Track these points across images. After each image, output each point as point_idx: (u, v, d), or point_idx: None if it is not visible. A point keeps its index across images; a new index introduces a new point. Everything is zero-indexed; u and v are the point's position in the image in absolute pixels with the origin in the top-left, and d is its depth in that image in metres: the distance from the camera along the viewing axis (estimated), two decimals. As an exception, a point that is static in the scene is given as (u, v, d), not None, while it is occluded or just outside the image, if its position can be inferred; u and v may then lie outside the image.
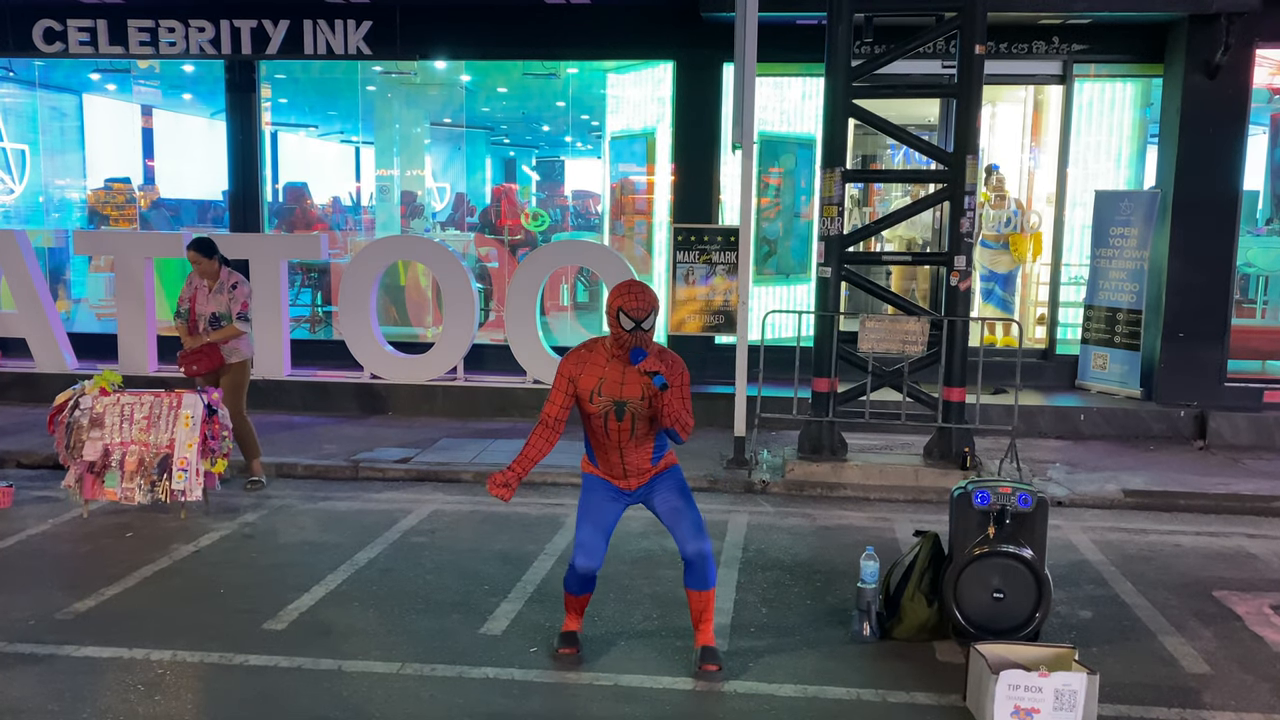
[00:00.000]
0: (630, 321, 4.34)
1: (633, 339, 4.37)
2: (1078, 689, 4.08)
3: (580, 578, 4.66)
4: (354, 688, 4.47)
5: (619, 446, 4.55)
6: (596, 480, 4.69)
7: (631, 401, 4.46)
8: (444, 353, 9.87)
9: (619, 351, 4.45)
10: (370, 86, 12.40)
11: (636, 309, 4.34)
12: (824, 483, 7.74)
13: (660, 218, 11.11)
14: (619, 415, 4.47)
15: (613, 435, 4.52)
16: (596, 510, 4.64)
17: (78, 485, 6.71)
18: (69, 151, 13.20)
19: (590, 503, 4.66)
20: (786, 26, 9.55)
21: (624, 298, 4.36)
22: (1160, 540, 6.75)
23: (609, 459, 4.61)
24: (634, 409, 4.47)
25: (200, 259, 7.31)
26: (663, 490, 4.66)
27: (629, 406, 4.46)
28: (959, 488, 5.03)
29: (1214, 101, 9.42)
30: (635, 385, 4.45)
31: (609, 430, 4.51)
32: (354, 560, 6.05)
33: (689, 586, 4.65)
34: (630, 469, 4.61)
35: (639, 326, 4.35)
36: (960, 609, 4.88)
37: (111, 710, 4.25)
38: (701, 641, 4.72)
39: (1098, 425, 9.38)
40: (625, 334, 4.37)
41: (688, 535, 4.57)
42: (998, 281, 10.74)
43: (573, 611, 4.85)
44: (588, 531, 4.61)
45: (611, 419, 4.48)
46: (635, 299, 4.35)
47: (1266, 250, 11.61)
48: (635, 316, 4.34)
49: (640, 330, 4.35)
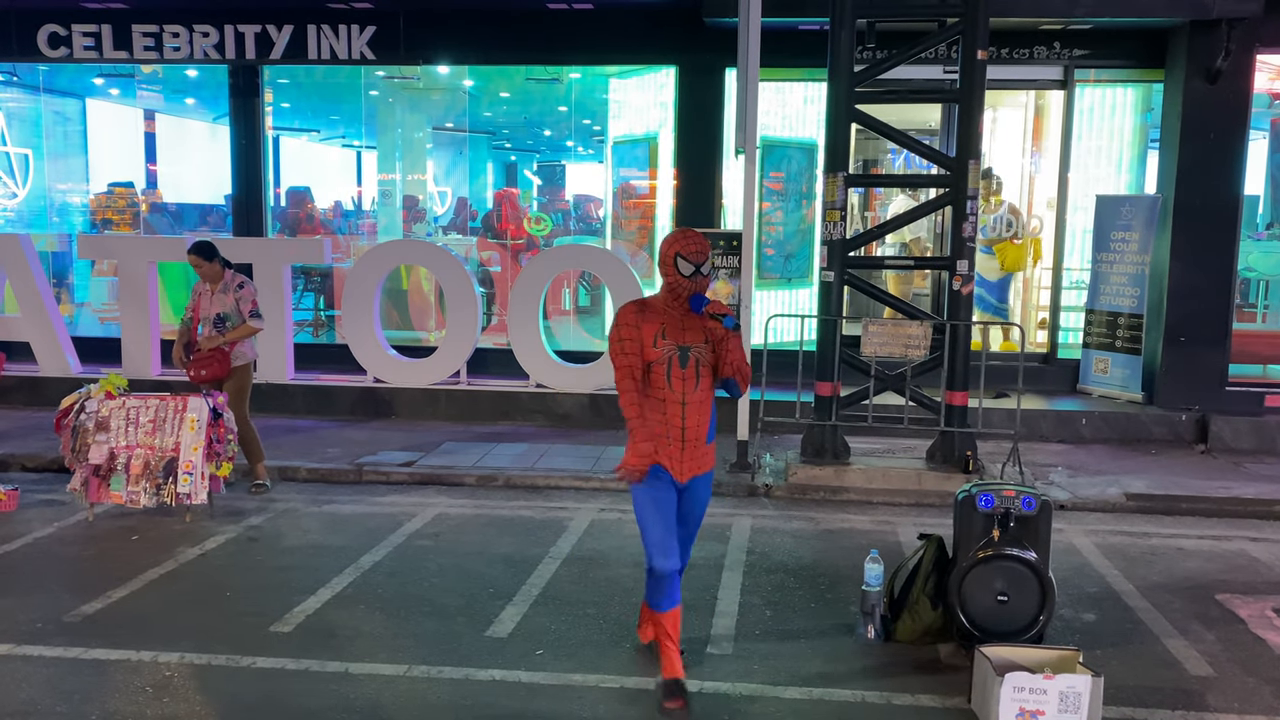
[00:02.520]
0: (690, 266, 4.19)
1: (692, 285, 4.22)
2: (1082, 691, 4.09)
3: (662, 583, 4.31)
4: (361, 690, 4.48)
5: (682, 401, 4.29)
6: (653, 478, 4.37)
7: (695, 346, 4.28)
8: (447, 357, 9.90)
9: (675, 302, 4.29)
10: (373, 91, 12.44)
11: (695, 253, 4.19)
12: (827, 486, 7.75)
13: (662, 222, 11.14)
14: (683, 362, 4.27)
15: (676, 387, 4.28)
16: (660, 503, 4.34)
17: (83, 488, 6.73)
18: (72, 156, 13.24)
19: (649, 497, 4.34)
20: (789, 32, 9.59)
21: (679, 243, 4.22)
22: (1163, 543, 6.77)
23: (669, 422, 4.30)
24: (697, 354, 4.29)
25: (201, 262, 7.34)
26: (694, 499, 4.48)
27: (693, 351, 4.28)
28: (963, 491, 5.05)
29: (1215, 106, 9.45)
30: (697, 331, 4.30)
31: (672, 381, 4.27)
32: (359, 563, 6.07)
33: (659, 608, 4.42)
34: (689, 436, 4.32)
35: (698, 271, 4.20)
36: (965, 612, 4.89)
37: (119, 712, 4.26)
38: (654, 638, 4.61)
39: (1099, 429, 9.39)
40: (684, 280, 4.22)
41: (685, 546, 4.56)
42: (987, 288, 10.69)
43: (666, 643, 4.37)
44: (658, 527, 4.32)
45: (675, 366, 4.26)
46: (692, 243, 4.21)
47: (1267, 255, 11.64)
48: (695, 260, 4.19)
49: (699, 275, 4.21)
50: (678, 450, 4.34)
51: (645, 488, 4.35)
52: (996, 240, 10.55)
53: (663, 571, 4.30)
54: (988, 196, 10.53)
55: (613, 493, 7.67)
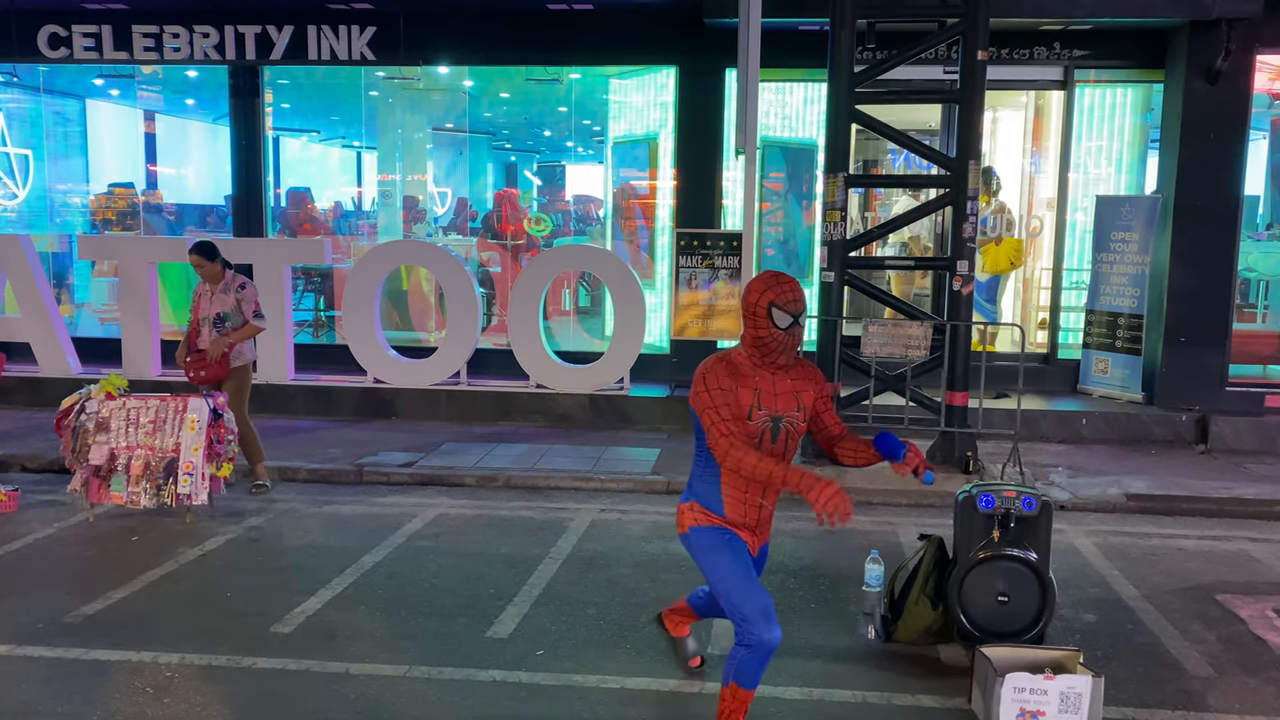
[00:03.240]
0: (787, 317, 3.56)
1: (789, 340, 3.60)
2: (1083, 691, 4.09)
3: (766, 655, 3.64)
4: (362, 690, 4.49)
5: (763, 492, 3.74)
6: (717, 531, 3.75)
7: (787, 415, 3.68)
8: (447, 357, 9.90)
9: (763, 359, 3.65)
10: (373, 92, 12.44)
11: (792, 301, 3.57)
12: (827, 487, 7.74)
13: (663, 223, 11.14)
14: (774, 435, 3.67)
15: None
16: (744, 564, 3.70)
17: (83, 489, 6.73)
18: (72, 156, 13.24)
19: (731, 558, 3.69)
20: (789, 32, 9.58)
21: (774, 290, 3.57)
22: (1163, 544, 6.77)
23: (748, 503, 3.74)
24: (789, 424, 3.69)
25: (203, 262, 7.34)
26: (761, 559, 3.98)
27: (784, 422, 3.68)
28: (963, 491, 5.05)
29: (1215, 107, 9.45)
30: (788, 397, 3.68)
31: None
32: (360, 564, 6.07)
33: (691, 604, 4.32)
34: (764, 518, 3.81)
35: (795, 322, 3.59)
36: (965, 612, 4.90)
37: (120, 713, 4.26)
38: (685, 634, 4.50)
39: (1099, 429, 9.40)
40: (781, 334, 3.58)
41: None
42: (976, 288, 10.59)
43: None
44: (754, 593, 3.64)
45: (767, 438, 3.66)
46: (789, 290, 3.58)
47: (1267, 255, 11.65)
48: (792, 310, 3.57)
49: (796, 327, 3.59)
50: (750, 536, 3.82)
51: (719, 549, 3.72)
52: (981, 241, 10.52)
53: (770, 642, 3.60)
54: (987, 198, 10.51)
55: (613, 493, 7.68)
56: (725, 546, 3.72)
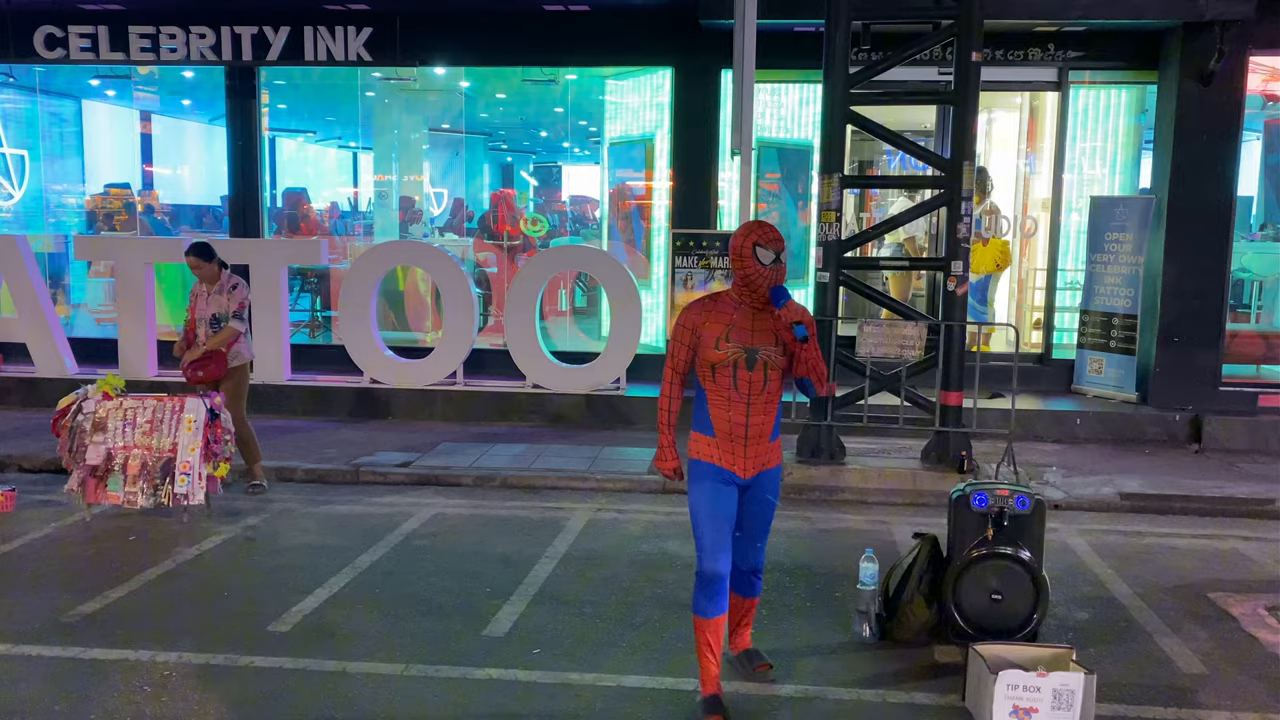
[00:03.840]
0: (769, 254, 4.03)
1: (773, 274, 4.05)
2: (1075, 689, 4.12)
3: (710, 585, 4.15)
4: (358, 689, 4.50)
5: (747, 401, 4.13)
6: (708, 468, 4.20)
7: (764, 349, 4.11)
8: (443, 357, 9.92)
9: (749, 296, 4.12)
10: (369, 92, 12.45)
11: (774, 240, 4.05)
12: (823, 486, 7.78)
13: (659, 223, 11.16)
14: (750, 364, 4.10)
15: (742, 388, 4.11)
16: (715, 501, 4.18)
17: (80, 489, 6.74)
18: (69, 157, 13.25)
19: (706, 494, 4.19)
20: (785, 33, 9.61)
21: (756, 232, 4.07)
22: (1156, 543, 6.81)
23: (732, 420, 4.14)
24: (766, 356, 4.11)
25: (200, 263, 7.35)
26: (760, 497, 4.31)
27: (761, 354, 4.11)
28: (958, 490, 5.08)
29: (1208, 108, 9.49)
30: (767, 332, 4.13)
31: (738, 383, 4.11)
32: (356, 563, 6.09)
33: (736, 592, 4.58)
34: (753, 434, 4.17)
35: (778, 259, 4.05)
36: (959, 610, 4.92)
37: (118, 711, 4.28)
38: (743, 646, 4.77)
39: (1094, 429, 9.43)
40: (765, 270, 4.04)
41: (751, 547, 4.43)
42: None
43: (707, 655, 4.25)
44: (710, 529, 4.16)
45: (742, 369, 4.10)
46: (768, 231, 4.07)
47: (1261, 255, 11.69)
48: (774, 248, 4.04)
49: (778, 264, 4.06)
50: (740, 447, 4.18)
51: (701, 488, 4.21)
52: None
53: (712, 573, 4.13)
54: (980, 198, 10.54)
55: (609, 492, 7.70)
56: (709, 483, 4.21)
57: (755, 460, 4.23)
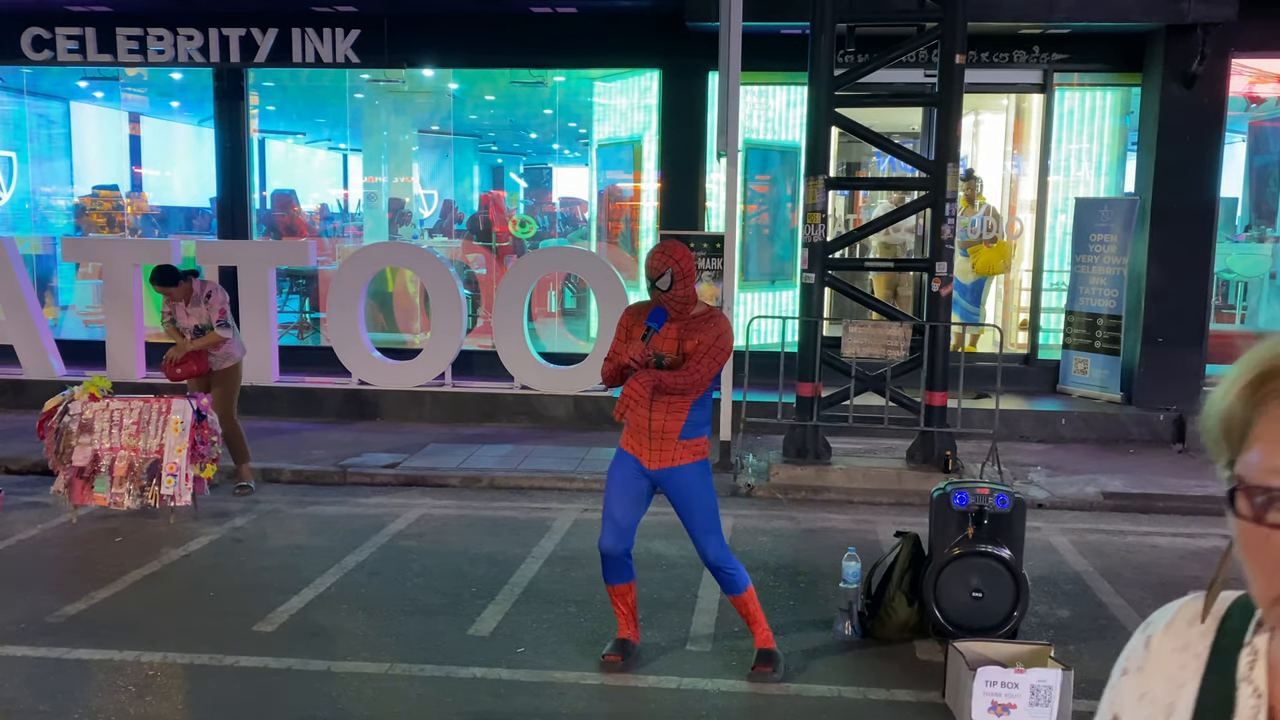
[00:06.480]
0: (649, 282, 4.41)
1: (658, 297, 4.43)
2: (1053, 685, 4.16)
3: (606, 561, 4.66)
4: (343, 688, 4.53)
5: (649, 401, 4.50)
6: (622, 454, 4.65)
7: (668, 356, 4.48)
8: (431, 359, 9.93)
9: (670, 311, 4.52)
10: (358, 94, 12.47)
11: (652, 268, 4.40)
12: (808, 486, 7.82)
13: (647, 225, 11.20)
14: (657, 368, 4.47)
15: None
16: (620, 485, 4.62)
17: (67, 490, 6.75)
18: (56, 158, 13.23)
19: (613, 478, 4.66)
20: (770, 36, 9.65)
21: (647, 263, 4.44)
22: (1138, 541, 6.86)
23: (638, 415, 4.53)
24: (670, 364, 4.47)
25: (166, 289, 7.26)
26: (676, 492, 4.58)
27: (666, 360, 4.48)
28: (938, 489, 5.12)
29: (1191, 110, 9.55)
30: (672, 341, 4.49)
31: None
32: (343, 563, 6.11)
33: (723, 590, 4.74)
34: (656, 431, 4.51)
35: (654, 285, 4.39)
36: (940, 608, 4.97)
37: (102, 711, 4.29)
38: (757, 645, 4.78)
39: (1078, 429, 9.49)
40: (655, 293, 4.45)
41: (700, 543, 4.59)
42: (960, 290, 10.66)
43: (619, 609, 4.83)
44: (608, 506, 4.62)
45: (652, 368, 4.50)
46: (652, 258, 4.42)
47: (1245, 256, 11.79)
48: (651, 275, 4.40)
49: (656, 290, 4.39)
50: (645, 440, 4.56)
51: (611, 473, 4.66)
52: (972, 243, 10.61)
53: (604, 552, 4.63)
54: (971, 199, 10.60)
55: (596, 493, 7.71)
56: (618, 468, 4.65)
57: (662, 455, 4.54)
